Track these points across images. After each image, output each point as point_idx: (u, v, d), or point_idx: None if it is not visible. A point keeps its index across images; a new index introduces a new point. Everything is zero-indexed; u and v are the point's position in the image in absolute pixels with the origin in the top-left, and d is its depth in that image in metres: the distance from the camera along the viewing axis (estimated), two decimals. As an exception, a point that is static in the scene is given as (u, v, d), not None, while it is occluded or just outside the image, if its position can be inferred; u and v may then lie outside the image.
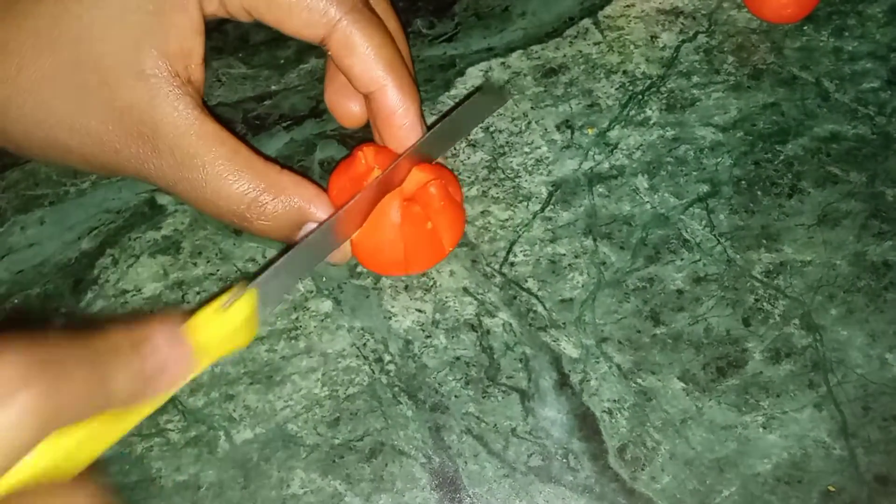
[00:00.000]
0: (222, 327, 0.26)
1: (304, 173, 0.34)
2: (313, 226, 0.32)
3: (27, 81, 0.31)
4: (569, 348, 0.33)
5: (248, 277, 0.29)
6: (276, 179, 0.32)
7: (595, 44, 0.41)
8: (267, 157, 0.32)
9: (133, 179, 0.38)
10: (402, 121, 0.33)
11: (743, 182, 0.37)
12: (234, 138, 0.32)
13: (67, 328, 0.20)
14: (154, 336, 0.22)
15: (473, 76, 0.41)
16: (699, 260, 0.35)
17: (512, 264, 0.35)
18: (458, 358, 0.33)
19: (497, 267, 0.35)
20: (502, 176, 0.38)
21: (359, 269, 0.35)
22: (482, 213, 0.37)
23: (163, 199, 0.38)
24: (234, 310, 0.26)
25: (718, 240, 0.36)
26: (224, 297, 0.26)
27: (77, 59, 0.31)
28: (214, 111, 0.39)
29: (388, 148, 0.34)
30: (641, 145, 0.38)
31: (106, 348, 0.21)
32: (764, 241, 0.35)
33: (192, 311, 0.25)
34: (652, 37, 0.41)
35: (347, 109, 0.37)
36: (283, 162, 0.39)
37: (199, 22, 0.32)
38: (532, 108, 0.39)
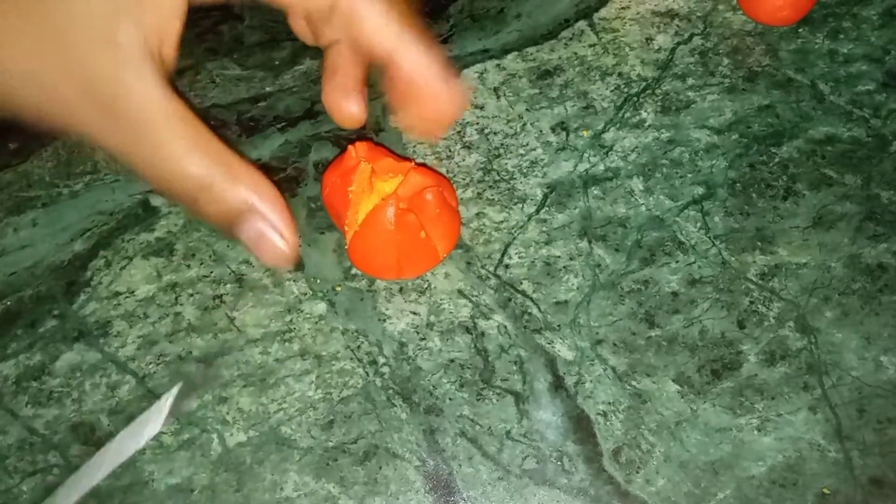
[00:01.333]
0: None
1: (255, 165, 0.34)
2: (257, 224, 0.31)
3: None
4: (563, 351, 0.33)
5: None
6: (233, 166, 0.32)
7: (590, 46, 0.41)
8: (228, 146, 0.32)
9: (126, 180, 0.38)
10: (426, 76, 0.32)
11: (738, 184, 0.37)
12: (197, 119, 0.32)
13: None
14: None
15: (469, 78, 0.40)
16: (694, 262, 0.35)
17: (507, 266, 0.35)
18: (452, 360, 0.33)
19: (492, 269, 0.35)
20: (497, 178, 0.38)
21: (353, 271, 0.35)
22: (477, 215, 0.37)
23: (156, 201, 0.37)
24: None
25: (713, 242, 0.36)
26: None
27: (47, 24, 0.31)
28: (208, 113, 0.39)
29: (381, 146, 0.34)
30: (636, 147, 0.38)
31: None
32: (759, 244, 0.35)
33: None
34: (647, 39, 0.41)
35: (345, 109, 0.37)
36: (278, 163, 0.39)
37: (181, 4, 0.32)
38: (527, 109, 0.39)
